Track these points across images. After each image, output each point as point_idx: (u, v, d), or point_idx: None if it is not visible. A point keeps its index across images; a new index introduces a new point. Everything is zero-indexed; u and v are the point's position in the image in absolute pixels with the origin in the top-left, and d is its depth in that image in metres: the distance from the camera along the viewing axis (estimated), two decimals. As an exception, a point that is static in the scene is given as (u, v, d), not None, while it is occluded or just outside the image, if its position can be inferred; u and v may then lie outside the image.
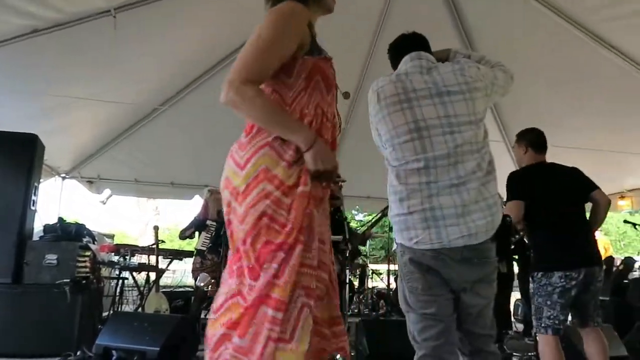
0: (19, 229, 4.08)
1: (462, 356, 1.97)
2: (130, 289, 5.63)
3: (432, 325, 1.89)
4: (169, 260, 5.60)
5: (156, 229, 5.31)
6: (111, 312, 4.77)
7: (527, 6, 4.51)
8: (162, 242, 5.47)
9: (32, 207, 4.29)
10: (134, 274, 5.35)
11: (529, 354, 4.89)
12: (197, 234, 5.34)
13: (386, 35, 4.93)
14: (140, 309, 4.95)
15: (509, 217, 4.70)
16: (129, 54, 4.67)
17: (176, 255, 5.67)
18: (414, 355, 1.92)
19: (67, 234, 4.50)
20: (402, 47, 2.11)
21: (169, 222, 21.52)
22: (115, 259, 5.18)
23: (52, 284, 3.93)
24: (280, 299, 1.31)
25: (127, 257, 5.17)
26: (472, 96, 1.92)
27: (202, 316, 5.35)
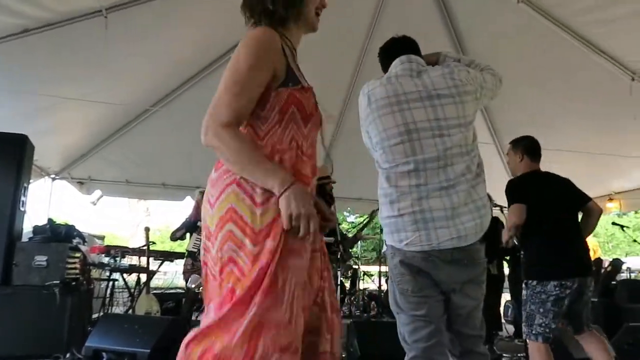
0: (8, 230, 4.05)
1: (452, 357, 1.98)
2: (120, 290, 5.60)
3: (422, 326, 1.90)
4: (160, 261, 5.58)
5: (147, 230, 5.29)
6: (101, 313, 4.75)
7: (517, 9, 4.55)
8: (153, 243, 5.44)
9: (22, 208, 4.26)
10: (125, 275, 5.33)
11: (519, 355, 4.93)
12: (188, 236, 5.32)
13: (378, 38, 4.95)
14: (130, 311, 4.92)
15: (498, 218, 4.72)
16: (121, 54, 4.65)
17: (167, 256, 5.66)
18: (405, 356, 1.94)
19: (57, 235, 4.46)
20: (392, 51, 2.13)
21: (160, 224, 21.42)
22: (105, 260, 5.15)
23: (41, 285, 3.90)
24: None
25: (118, 259, 5.15)
26: (461, 99, 1.94)
27: (194, 318, 5.34)
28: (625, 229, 4.87)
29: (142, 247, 5.25)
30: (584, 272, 2.92)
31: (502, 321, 6.50)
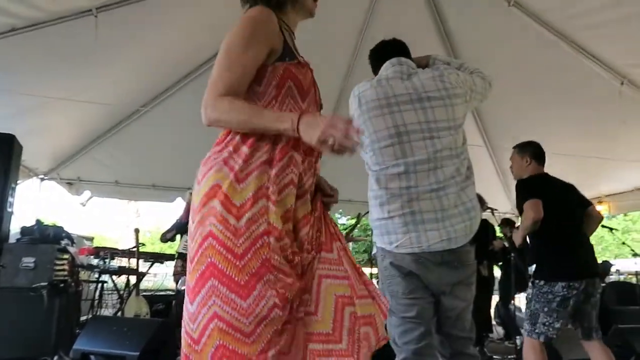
0: (-5, 231, 4.01)
1: (442, 359, 1.98)
2: (109, 292, 5.56)
3: (412, 328, 1.90)
4: (150, 263, 5.53)
5: (137, 231, 5.25)
6: (90, 316, 4.70)
7: (508, 13, 4.57)
8: (143, 245, 5.40)
9: (9, 209, 4.21)
10: (114, 277, 5.28)
11: (509, 357, 4.95)
12: (178, 237, 5.29)
13: (369, 40, 4.95)
14: (119, 313, 4.88)
15: (486, 220, 4.73)
16: (111, 54, 4.61)
17: (157, 258, 5.62)
18: (395, 358, 1.93)
19: (45, 237, 4.42)
20: (383, 53, 2.13)
21: (150, 225, 21.29)
22: (94, 262, 5.10)
23: (29, 287, 3.86)
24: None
25: (107, 260, 5.11)
26: (451, 102, 1.95)
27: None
28: (614, 231, 4.91)
29: (132, 248, 5.21)
30: (591, 273, 2.95)
31: (493, 323, 6.53)
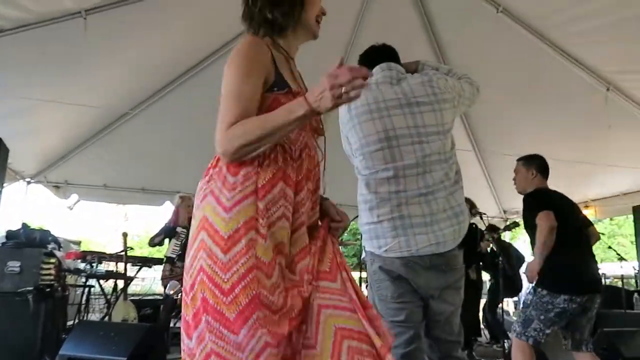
0: (-21, 234, 3.96)
1: (430, 363, 1.99)
2: (97, 297, 5.50)
3: (402, 332, 1.91)
4: (138, 267, 5.49)
5: (125, 235, 5.21)
6: (76, 321, 4.65)
7: (497, 19, 4.62)
8: (131, 249, 5.36)
9: (-5, 213, 4.16)
10: (101, 281, 5.23)
11: (497, 361, 4.97)
12: (167, 241, 5.25)
13: (359, 46, 4.97)
14: (107, 318, 4.83)
15: (474, 224, 4.76)
16: (100, 57, 4.58)
17: (145, 262, 5.57)
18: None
19: (31, 241, 4.37)
20: (372, 58, 2.14)
21: (139, 229, 21.12)
22: (81, 266, 5.05)
23: (14, 292, 3.81)
24: None
25: (94, 265, 5.05)
26: (440, 107, 1.96)
27: (172, 325, 5.26)
28: (600, 235, 4.95)
29: (120, 252, 5.16)
30: (594, 289, 2.99)
31: (481, 326, 6.56)
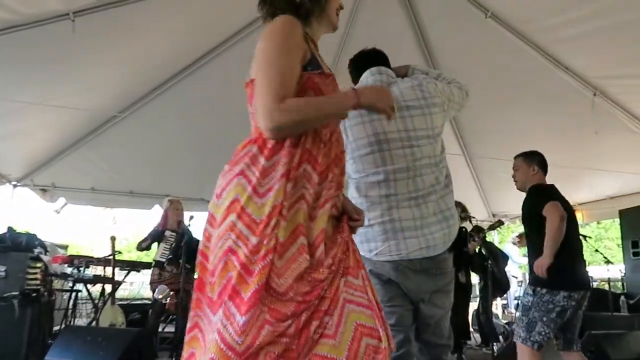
0: (-36, 239, 3.90)
1: (420, 366, 1.99)
2: (84, 301, 5.43)
3: (392, 336, 1.90)
4: (126, 272, 5.44)
5: (113, 239, 5.16)
6: (63, 326, 4.59)
7: (486, 24, 4.66)
8: (119, 253, 5.31)
9: (-20, 216, 4.10)
10: (89, 286, 5.17)
11: (486, 364, 4.99)
12: (155, 245, 5.21)
13: (349, 50, 4.98)
14: (94, 323, 4.77)
15: (464, 228, 4.78)
16: (88, 60, 4.54)
17: (133, 266, 5.52)
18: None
19: (17, 245, 4.31)
20: (363, 62, 2.15)
21: (127, 233, 20.94)
22: (68, 270, 4.99)
23: (-1, 296, 3.75)
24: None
25: (82, 269, 5.00)
26: (430, 111, 1.97)
27: (160, 330, 5.22)
28: (587, 239, 5.00)
29: (108, 256, 5.11)
30: (588, 286, 3.04)
31: (471, 330, 6.59)
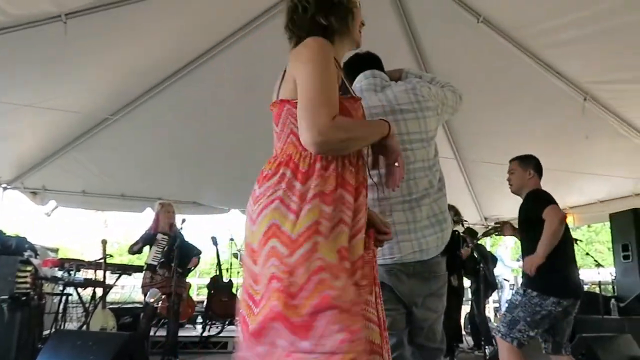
0: (-47, 242, 3.85)
1: (413, 370, 1.99)
2: (74, 305, 5.39)
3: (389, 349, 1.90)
4: (117, 275, 5.40)
5: (104, 242, 5.12)
6: (53, 330, 4.54)
7: (478, 29, 4.70)
8: (110, 256, 5.27)
9: (-31, 219, 4.06)
10: (79, 289, 5.12)
11: (479, 367, 5.01)
12: (147, 248, 5.17)
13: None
14: (85, 327, 4.73)
15: (457, 231, 4.78)
16: (80, 62, 4.52)
17: (125, 270, 5.48)
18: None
19: (7, 248, 4.28)
20: (356, 66, 2.14)
21: (119, 236, 20.79)
22: (59, 274, 4.95)
23: (-12, 300, 3.71)
24: None
25: (72, 272, 4.95)
26: (424, 115, 1.97)
27: (152, 333, 5.18)
28: (578, 242, 5.04)
29: (99, 260, 5.08)
30: (579, 294, 3.04)
31: (463, 333, 6.61)
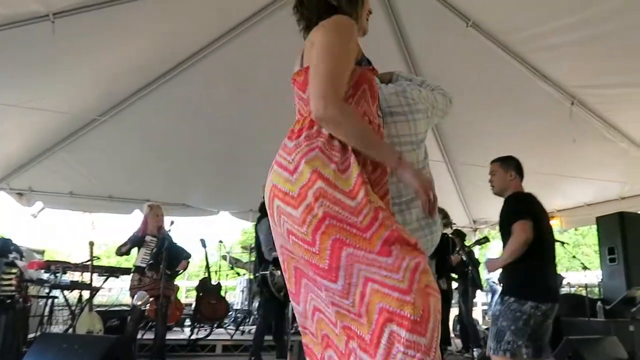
0: (-64, 243, 3.79)
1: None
2: (60, 308, 5.32)
3: None
4: (105, 277, 5.34)
5: (91, 244, 5.07)
6: (39, 333, 4.48)
7: (467, 33, 4.74)
8: (98, 258, 5.21)
9: (-47, 221, 3.99)
10: (66, 292, 5.06)
11: (467, 369, 5.03)
12: (135, 250, 5.13)
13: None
14: (71, 330, 4.67)
15: (447, 234, 4.79)
16: (68, 62, 4.48)
17: (112, 272, 5.43)
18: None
19: (-8, 250, 4.21)
20: None
21: (106, 238, 20.60)
22: (45, 276, 4.88)
23: (-28, 303, 3.65)
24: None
25: (59, 275, 4.89)
26: (414, 117, 1.98)
27: (139, 336, 5.13)
28: (565, 245, 5.09)
29: (86, 262, 5.02)
30: (556, 298, 3.04)
31: (451, 336, 6.63)
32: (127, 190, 6.59)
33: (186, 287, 11.21)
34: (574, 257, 6.90)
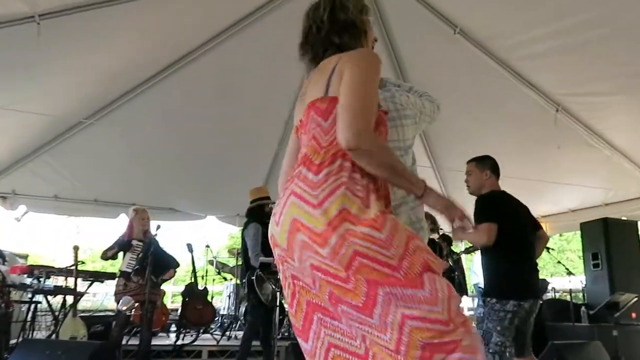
0: None
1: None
2: (43, 313, 5.24)
3: None
4: (89, 282, 5.27)
5: (76, 249, 5.00)
6: (21, 339, 4.41)
7: (454, 40, 4.78)
8: (82, 263, 5.15)
9: None
10: (49, 297, 4.98)
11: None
12: (121, 255, 5.07)
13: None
14: (54, 336, 4.60)
15: (434, 239, 4.79)
16: (53, 64, 4.43)
17: (97, 277, 5.36)
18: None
19: (-27, 254, 4.13)
20: None
21: (91, 242, 20.37)
22: (28, 281, 4.81)
23: (-48, 309, 3.58)
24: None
25: (42, 280, 4.82)
26: (402, 123, 1.99)
27: (124, 342, 5.07)
28: (550, 250, 5.14)
29: (70, 266, 4.95)
30: (537, 294, 3.07)
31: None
32: (113, 194, 6.53)
33: (172, 292, 11.09)
34: (559, 262, 6.97)
